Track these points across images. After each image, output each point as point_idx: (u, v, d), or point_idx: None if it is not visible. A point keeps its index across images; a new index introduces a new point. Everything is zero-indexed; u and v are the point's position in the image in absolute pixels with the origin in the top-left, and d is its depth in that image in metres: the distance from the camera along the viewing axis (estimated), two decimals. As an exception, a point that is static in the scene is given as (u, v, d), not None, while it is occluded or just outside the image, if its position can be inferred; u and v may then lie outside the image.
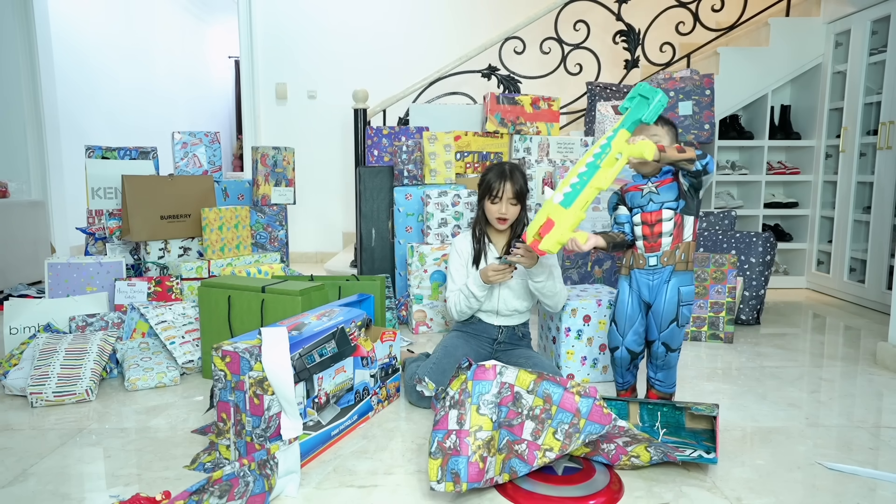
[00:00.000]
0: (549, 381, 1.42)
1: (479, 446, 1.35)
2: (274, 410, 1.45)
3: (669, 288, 1.66)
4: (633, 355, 1.74)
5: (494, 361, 1.43)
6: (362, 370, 1.77)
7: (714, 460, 1.44)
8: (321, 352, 1.61)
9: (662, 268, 1.66)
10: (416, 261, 2.80)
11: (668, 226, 1.65)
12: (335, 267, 3.89)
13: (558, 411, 1.39)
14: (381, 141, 3.27)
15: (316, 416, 1.58)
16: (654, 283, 1.68)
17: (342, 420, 1.68)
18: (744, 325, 2.95)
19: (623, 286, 1.74)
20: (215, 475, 1.25)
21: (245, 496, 1.28)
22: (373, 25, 4.88)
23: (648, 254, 1.67)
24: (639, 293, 1.71)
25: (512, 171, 2.04)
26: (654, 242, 1.66)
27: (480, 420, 1.37)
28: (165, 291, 2.49)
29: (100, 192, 2.76)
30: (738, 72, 3.69)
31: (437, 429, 1.37)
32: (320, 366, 1.60)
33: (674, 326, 1.67)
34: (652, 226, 1.66)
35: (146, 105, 5.77)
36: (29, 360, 2.05)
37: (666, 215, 1.65)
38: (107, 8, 5.20)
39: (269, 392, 1.44)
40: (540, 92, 3.44)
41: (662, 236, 1.65)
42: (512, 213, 2.04)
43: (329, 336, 1.64)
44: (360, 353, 1.76)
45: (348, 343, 1.71)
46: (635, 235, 1.70)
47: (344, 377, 1.69)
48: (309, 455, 1.54)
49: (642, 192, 1.68)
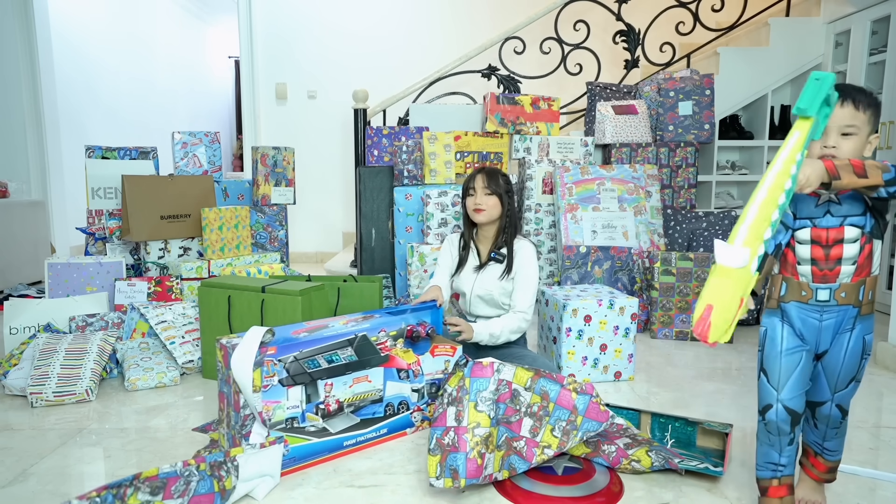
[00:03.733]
0: (545, 378, 1.42)
1: (478, 443, 1.36)
2: (247, 410, 1.45)
3: (853, 337, 1.23)
4: (793, 417, 1.24)
5: (491, 359, 1.44)
6: (399, 382, 1.67)
7: (720, 472, 1.44)
8: (331, 358, 1.55)
9: (838, 307, 1.22)
10: (416, 261, 2.80)
11: (850, 249, 1.20)
12: (335, 267, 3.89)
13: (556, 408, 1.40)
14: (381, 141, 3.27)
15: (320, 422, 1.54)
16: (825, 324, 1.24)
17: (361, 431, 1.61)
18: (743, 325, 2.95)
19: (772, 323, 1.28)
20: (147, 472, 1.24)
21: (186, 495, 1.27)
22: (373, 25, 4.88)
23: (818, 284, 1.22)
24: (798, 332, 1.25)
25: (484, 168, 2.06)
26: (830, 270, 1.22)
27: (478, 417, 1.37)
28: (165, 291, 2.49)
29: (100, 192, 2.76)
30: (738, 72, 3.69)
31: (435, 425, 1.38)
32: (328, 372, 1.55)
33: (854, 385, 1.27)
34: (827, 247, 1.21)
35: (146, 105, 5.76)
36: (29, 360, 2.05)
37: (849, 235, 1.20)
38: (107, 8, 5.20)
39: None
40: (540, 92, 3.44)
41: (842, 263, 1.21)
42: (487, 203, 2.00)
43: (344, 342, 1.58)
44: (395, 365, 1.66)
45: (374, 352, 1.63)
46: (798, 257, 1.24)
47: (367, 387, 1.62)
48: (311, 460, 1.53)
49: (818, 200, 1.22)
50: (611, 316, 2.17)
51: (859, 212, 1.20)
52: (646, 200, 3.01)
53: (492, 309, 2.06)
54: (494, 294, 2.03)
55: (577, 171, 2.99)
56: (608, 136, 3.30)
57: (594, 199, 2.98)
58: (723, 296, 1.02)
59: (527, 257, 2.03)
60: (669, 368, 2.32)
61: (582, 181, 2.99)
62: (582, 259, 2.80)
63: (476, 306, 2.07)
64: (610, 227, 2.95)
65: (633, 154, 3.28)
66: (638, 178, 3.03)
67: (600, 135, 3.34)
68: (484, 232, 2.10)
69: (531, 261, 2.03)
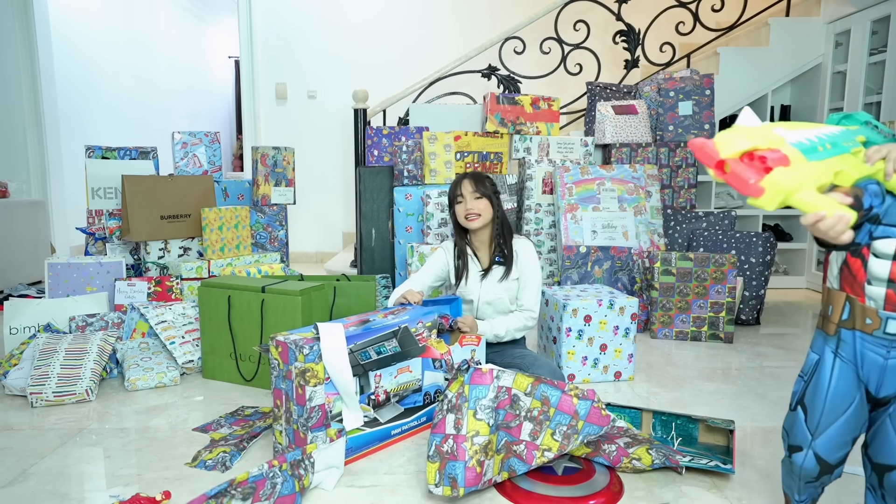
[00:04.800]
0: (546, 385, 1.41)
1: (477, 451, 1.35)
2: (316, 402, 1.47)
3: None
4: (824, 468, 1.07)
5: (491, 365, 1.43)
6: (434, 372, 1.72)
7: (731, 470, 1.44)
8: (379, 349, 1.59)
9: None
10: (416, 261, 2.80)
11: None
12: (335, 267, 3.89)
13: (556, 413, 1.39)
14: (381, 141, 3.27)
15: (372, 412, 1.58)
16: (892, 363, 1.01)
17: (406, 420, 1.66)
18: (744, 325, 2.95)
19: (824, 353, 1.07)
20: (239, 477, 1.25)
21: (272, 497, 1.28)
22: (373, 25, 4.88)
23: (890, 313, 0.99)
24: (856, 369, 1.04)
25: (474, 172, 2.03)
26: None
27: (477, 425, 1.36)
28: (165, 291, 2.49)
29: (100, 192, 2.76)
30: (738, 72, 3.69)
31: (435, 432, 1.37)
32: (377, 363, 1.58)
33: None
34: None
35: (146, 105, 5.76)
36: (29, 360, 2.05)
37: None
38: (107, 8, 5.20)
39: (312, 383, 1.45)
40: (540, 92, 3.44)
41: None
42: (479, 206, 1.97)
43: (389, 334, 1.61)
44: (430, 355, 1.69)
45: (414, 343, 1.66)
46: (870, 274, 1.01)
47: (409, 377, 1.66)
48: (363, 451, 1.57)
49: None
50: (611, 316, 2.17)
51: None
52: (646, 200, 3.01)
53: (499, 314, 2.05)
54: (503, 298, 2.02)
55: (577, 171, 2.99)
56: (608, 136, 3.30)
57: (594, 199, 2.98)
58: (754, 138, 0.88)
59: (528, 256, 2.03)
60: (669, 368, 2.32)
61: (582, 181, 2.99)
62: (582, 259, 2.80)
63: (484, 312, 2.05)
64: (610, 227, 2.95)
65: (633, 154, 3.28)
66: (638, 178, 3.03)
67: (600, 135, 3.34)
68: (478, 237, 2.05)
69: (533, 258, 2.03)
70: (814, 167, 0.91)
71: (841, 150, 0.98)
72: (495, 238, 2.04)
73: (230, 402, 1.97)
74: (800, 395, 1.10)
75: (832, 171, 0.94)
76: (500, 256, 2.03)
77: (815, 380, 1.07)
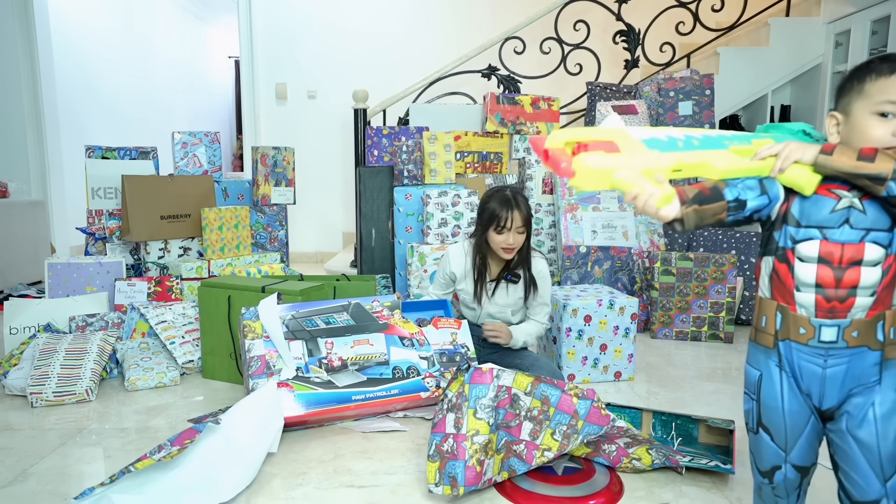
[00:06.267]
0: (546, 384, 1.41)
1: (477, 450, 1.35)
2: (255, 353, 1.69)
3: (882, 394, 0.92)
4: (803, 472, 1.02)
5: (491, 364, 1.43)
6: (404, 349, 1.82)
7: (731, 470, 1.44)
8: (328, 319, 1.79)
9: (847, 349, 0.92)
10: (416, 261, 2.80)
11: (870, 275, 0.91)
12: (335, 267, 3.89)
13: (556, 413, 1.39)
14: (381, 141, 3.27)
15: (325, 374, 1.71)
16: (830, 373, 0.93)
17: (371, 388, 1.74)
18: (744, 325, 2.95)
19: (768, 368, 0.99)
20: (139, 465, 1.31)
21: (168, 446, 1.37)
22: (373, 25, 4.88)
23: (822, 320, 0.92)
24: (796, 382, 0.97)
25: (516, 197, 1.90)
26: (840, 302, 0.92)
27: (477, 424, 1.36)
28: (165, 291, 2.49)
29: (100, 192, 2.76)
30: (738, 72, 3.69)
31: (435, 431, 1.37)
32: (327, 332, 1.77)
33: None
34: (840, 269, 0.91)
35: (146, 105, 5.76)
36: (29, 360, 2.05)
37: (871, 255, 0.91)
38: (107, 8, 5.20)
39: (250, 337, 1.71)
40: (540, 92, 3.44)
41: (857, 292, 0.91)
42: (519, 241, 1.91)
43: (339, 307, 1.80)
44: (395, 332, 1.83)
45: (370, 319, 1.82)
46: (798, 280, 0.94)
47: (369, 349, 1.79)
48: (319, 408, 1.67)
49: (835, 204, 0.93)
50: (611, 316, 2.17)
51: (885, 226, 0.90)
52: (646, 200, 3.00)
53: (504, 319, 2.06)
54: (507, 313, 2.02)
55: (577, 171, 2.99)
56: (608, 136, 3.30)
57: (594, 199, 2.98)
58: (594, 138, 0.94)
59: (545, 275, 2.02)
60: (669, 368, 2.32)
61: (582, 181, 2.98)
62: (582, 259, 2.80)
63: (484, 319, 2.05)
64: (610, 227, 2.95)
65: (633, 154, 3.28)
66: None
67: (600, 135, 3.33)
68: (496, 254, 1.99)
69: (548, 277, 2.03)
70: (650, 155, 0.93)
71: (713, 145, 0.98)
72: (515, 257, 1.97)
73: (230, 402, 1.96)
74: (756, 417, 1.03)
75: (677, 161, 0.94)
76: (512, 276, 1.99)
77: (767, 399, 1.00)
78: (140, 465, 1.25)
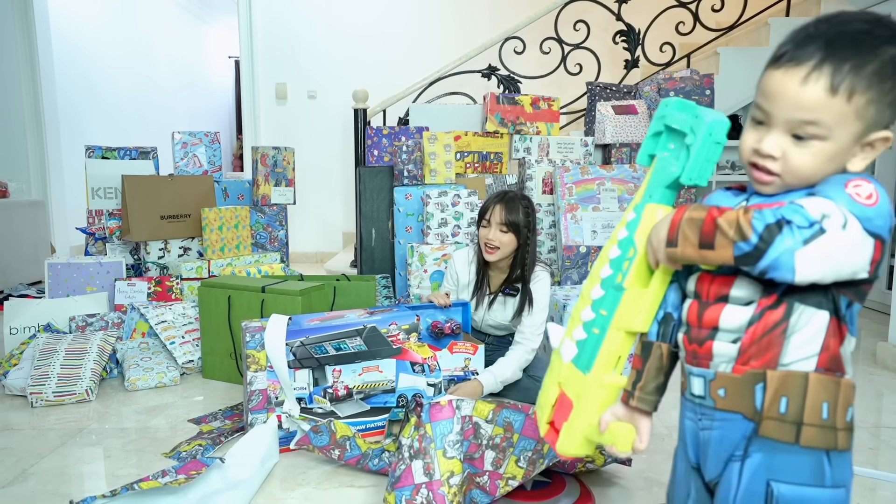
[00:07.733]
0: (509, 409, 1.33)
1: (455, 493, 1.24)
2: (257, 386, 1.58)
3: (746, 475, 0.70)
4: None
5: (450, 396, 1.34)
6: (412, 375, 1.72)
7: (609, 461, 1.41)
8: (339, 346, 1.64)
9: (715, 411, 0.73)
10: (416, 261, 2.80)
11: (734, 315, 0.71)
12: (335, 267, 3.89)
13: (520, 439, 1.29)
14: (381, 141, 3.28)
15: (328, 405, 1.63)
16: (705, 437, 0.75)
17: (372, 419, 1.67)
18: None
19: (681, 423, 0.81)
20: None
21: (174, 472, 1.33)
22: (373, 25, 4.88)
23: (689, 366, 0.76)
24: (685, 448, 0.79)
25: (510, 196, 1.85)
26: (700, 345, 0.74)
27: (450, 465, 1.25)
28: (165, 291, 2.49)
29: (100, 192, 2.76)
30: (738, 72, 3.68)
31: (399, 486, 1.23)
32: (336, 358, 1.64)
33: None
34: (706, 304, 0.74)
35: (146, 105, 5.76)
36: (29, 360, 2.05)
37: (739, 291, 0.71)
38: (107, 7, 5.20)
39: (252, 369, 1.57)
40: (540, 92, 3.44)
41: (716, 335, 0.72)
42: (502, 240, 1.83)
43: (353, 332, 1.65)
44: (408, 357, 1.70)
45: (385, 343, 1.68)
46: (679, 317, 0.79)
47: (377, 377, 1.68)
48: None
49: None
50: (611, 316, 2.16)
51: None
52: (646, 200, 3.00)
53: (502, 332, 2.01)
54: (508, 326, 1.97)
55: (577, 171, 2.99)
56: (608, 136, 3.30)
57: (594, 199, 2.98)
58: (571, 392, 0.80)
59: (542, 291, 1.89)
60: (669, 368, 2.32)
61: (582, 181, 2.99)
62: (582, 259, 2.80)
63: (485, 330, 2.03)
64: (610, 227, 2.94)
65: (633, 154, 3.28)
66: (638, 178, 3.03)
67: (600, 135, 3.34)
68: (496, 263, 1.92)
69: (546, 295, 1.90)
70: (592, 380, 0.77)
71: (616, 292, 0.76)
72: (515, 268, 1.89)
73: (230, 402, 1.97)
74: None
75: (614, 361, 0.77)
76: (510, 289, 1.91)
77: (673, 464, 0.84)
78: (144, 485, 1.24)
